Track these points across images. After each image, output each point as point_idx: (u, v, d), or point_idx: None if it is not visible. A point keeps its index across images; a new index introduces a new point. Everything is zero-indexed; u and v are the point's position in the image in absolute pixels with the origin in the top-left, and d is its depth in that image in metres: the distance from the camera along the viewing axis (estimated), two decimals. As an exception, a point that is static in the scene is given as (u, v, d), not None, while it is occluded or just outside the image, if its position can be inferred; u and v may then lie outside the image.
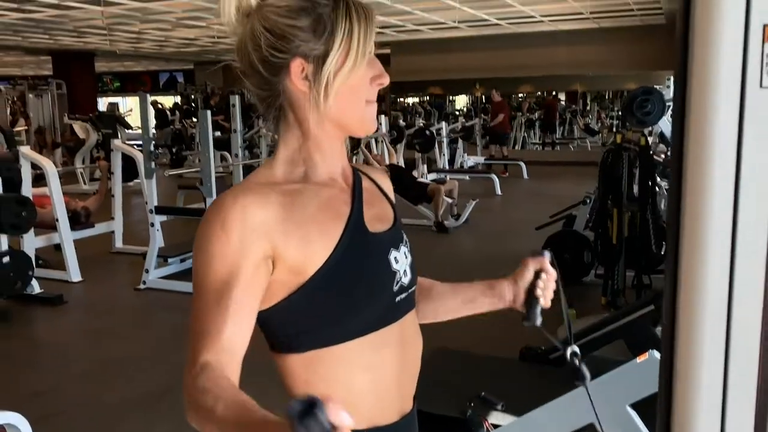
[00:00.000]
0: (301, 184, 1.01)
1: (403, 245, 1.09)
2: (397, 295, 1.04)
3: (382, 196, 1.14)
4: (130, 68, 23.18)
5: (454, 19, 12.56)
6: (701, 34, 0.67)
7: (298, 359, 1.00)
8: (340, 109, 1.00)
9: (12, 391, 3.51)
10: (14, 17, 11.24)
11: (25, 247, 5.47)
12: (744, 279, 0.69)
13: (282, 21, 0.96)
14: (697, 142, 0.67)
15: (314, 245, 0.96)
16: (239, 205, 0.94)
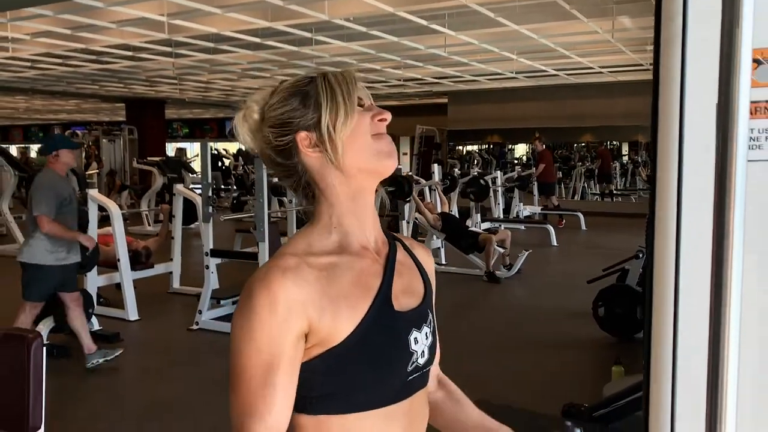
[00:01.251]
0: (336, 256, 1.05)
1: (426, 326, 1.11)
2: (411, 375, 1.07)
3: (416, 270, 1.16)
4: (199, 115, 24.23)
5: (512, 69, 12.68)
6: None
7: (309, 420, 1.03)
8: (353, 154, 1.06)
9: (66, 425, 3.64)
10: (93, 68, 12.01)
11: (88, 285, 5.73)
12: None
13: (278, 112, 1.08)
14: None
15: (342, 319, 1.00)
16: (282, 283, 0.97)
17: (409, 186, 8.21)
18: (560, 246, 10.26)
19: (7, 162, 10.37)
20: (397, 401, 1.06)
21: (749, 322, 0.69)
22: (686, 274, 0.69)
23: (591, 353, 4.91)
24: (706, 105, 0.64)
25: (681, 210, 0.66)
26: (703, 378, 0.66)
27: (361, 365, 1.01)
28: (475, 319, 6.19)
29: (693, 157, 0.65)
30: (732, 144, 0.61)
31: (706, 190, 0.65)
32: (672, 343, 0.69)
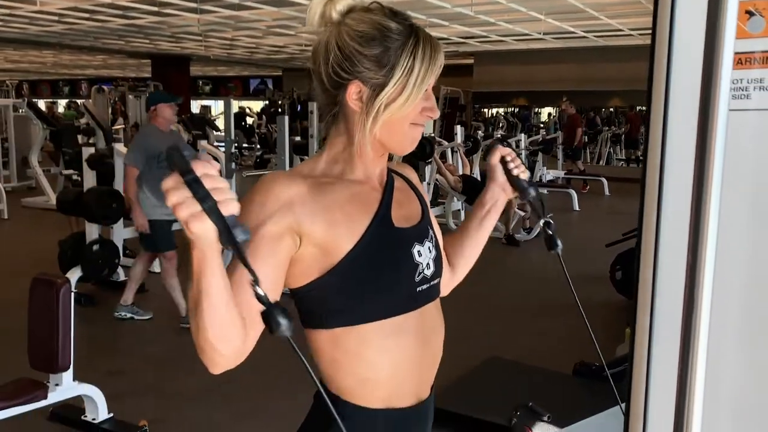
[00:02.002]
0: (336, 179, 1.12)
1: (428, 240, 1.17)
2: (419, 286, 1.13)
3: (413, 194, 1.23)
4: (223, 73, 24.21)
5: (539, 30, 12.45)
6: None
7: (325, 335, 1.10)
8: (385, 134, 1.10)
9: (92, 369, 3.79)
10: (119, 23, 12.04)
11: (114, 237, 5.87)
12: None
13: (352, 44, 1.06)
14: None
15: (340, 231, 1.06)
16: (270, 181, 1.06)
17: (431, 147, 8.19)
18: (582, 211, 10.21)
19: (36, 116, 10.53)
20: (408, 311, 1.11)
21: (724, 266, 0.73)
22: (666, 222, 0.72)
23: (606, 315, 4.94)
24: (693, 55, 0.67)
25: (665, 156, 0.69)
26: (679, 317, 0.70)
27: (369, 275, 1.07)
28: (492, 280, 6.23)
29: (678, 106, 0.68)
30: (715, 93, 0.64)
31: (689, 138, 0.68)
32: (651, 284, 0.72)
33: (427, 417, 1.20)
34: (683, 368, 0.75)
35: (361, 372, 1.09)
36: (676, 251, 0.75)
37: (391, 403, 1.11)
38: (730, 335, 0.84)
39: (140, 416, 3.25)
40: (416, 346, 1.13)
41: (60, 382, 2.97)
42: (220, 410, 3.43)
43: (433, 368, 1.19)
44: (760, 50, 0.70)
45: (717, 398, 0.81)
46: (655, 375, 0.83)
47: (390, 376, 1.11)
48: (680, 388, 0.75)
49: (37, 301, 2.94)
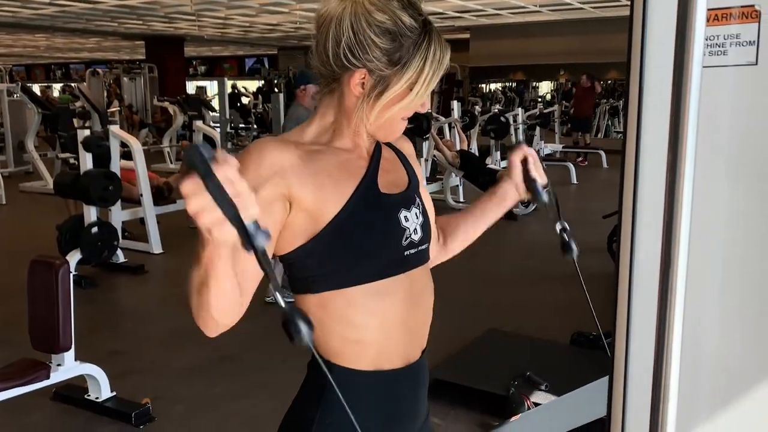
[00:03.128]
0: (324, 146, 1.13)
1: (415, 207, 1.18)
2: (406, 250, 1.14)
3: (400, 163, 1.24)
4: (218, 53, 24.03)
5: (535, 2, 12.33)
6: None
7: (313, 299, 1.11)
8: (377, 125, 1.12)
9: (94, 350, 3.82)
10: (111, 4, 11.92)
11: (113, 219, 5.88)
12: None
13: (368, 32, 1.05)
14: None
15: (328, 195, 1.08)
16: (262, 148, 1.07)
17: (428, 123, 8.16)
18: (580, 184, 10.21)
19: (31, 100, 10.47)
20: (396, 274, 1.13)
21: (701, 225, 0.73)
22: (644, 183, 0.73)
23: (603, 286, 4.94)
24: (667, 13, 0.67)
25: (641, 117, 0.70)
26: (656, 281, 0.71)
27: (355, 239, 1.09)
28: (490, 253, 6.26)
29: (653, 64, 0.68)
30: (688, 50, 0.64)
31: (664, 96, 0.69)
32: (630, 246, 0.74)
33: (418, 380, 1.21)
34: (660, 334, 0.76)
35: (349, 334, 1.11)
36: (652, 213, 0.76)
37: (380, 365, 1.13)
38: (708, 296, 0.85)
39: (143, 394, 3.29)
40: (404, 308, 1.14)
41: (62, 362, 3.00)
42: (221, 387, 3.47)
43: (422, 331, 1.21)
44: (736, 5, 0.70)
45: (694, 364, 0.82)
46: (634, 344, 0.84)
47: (378, 338, 1.12)
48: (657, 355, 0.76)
49: (37, 283, 2.96)
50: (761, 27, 0.70)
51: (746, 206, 0.80)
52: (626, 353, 0.85)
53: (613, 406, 1.01)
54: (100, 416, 3.20)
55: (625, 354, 0.85)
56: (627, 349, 0.84)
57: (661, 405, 0.74)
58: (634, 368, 0.85)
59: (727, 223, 0.78)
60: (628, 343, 0.84)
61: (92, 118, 10.32)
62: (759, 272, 0.82)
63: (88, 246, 5.21)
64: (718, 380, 0.89)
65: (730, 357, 0.88)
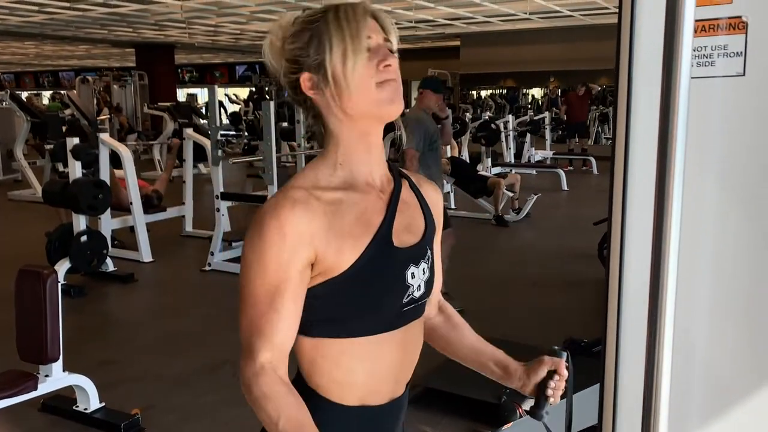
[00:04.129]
0: (342, 192, 1.09)
1: (424, 261, 1.15)
2: (406, 306, 1.13)
3: (419, 208, 1.19)
4: (209, 60, 24.01)
5: (525, 10, 12.41)
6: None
7: (308, 341, 1.10)
8: (354, 102, 1.07)
9: (82, 360, 3.79)
10: (101, 12, 11.90)
11: (102, 228, 5.85)
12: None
13: (290, 48, 1.09)
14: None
15: (345, 251, 1.05)
16: (291, 212, 1.02)
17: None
18: (570, 190, 10.25)
19: (20, 108, 10.42)
20: (392, 330, 1.12)
21: (690, 235, 0.73)
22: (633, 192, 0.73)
23: (594, 292, 4.98)
24: (655, 24, 0.67)
25: (629, 127, 0.70)
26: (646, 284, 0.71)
27: (359, 295, 1.07)
28: (482, 260, 6.27)
29: (641, 74, 0.68)
30: (676, 61, 0.64)
31: (653, 107, 0.69)
32: (619, 254, 0.73)
33: (400, 411, 1.21)
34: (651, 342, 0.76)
35: (339, 376, 1.11)
36: (642, 222, 0.76)
37: (366, 402, 1.13)
38: (698, 306, 0.85)
39: (132, 405, 3.26)
40: (395, 357, 1.14)
41: (50, 373, 2.97)
42: (212, 396, 3.44)
43: (409, 372, 1.20)
44: (724, 17, 0.70)
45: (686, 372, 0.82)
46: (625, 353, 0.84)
47: (366, 382, 1.12)
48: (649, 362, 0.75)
49: (24, 293, 2.93)
50: (748, 38, 0.71)
51: (734, 214, 0.80)
52: (616, 361, 0.85)
53: (604, 414, 1.00)
54: (89, 428, 3.16)
55: (615, 362, 0.84)
56: (617, 356, 0.84)
57: (652, 412, 0.74)
58: (625, 376, 0.85)
59: (715, 231, 0.78)
60: (618, 351, 0.84)
61: (82, 126, 10.26)
62: (747, 279, 0.82)
63: (77, 255, 5.17)
64: (708, 386, 0.89)
65: (719, 362, 0.88)
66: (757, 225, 0.76)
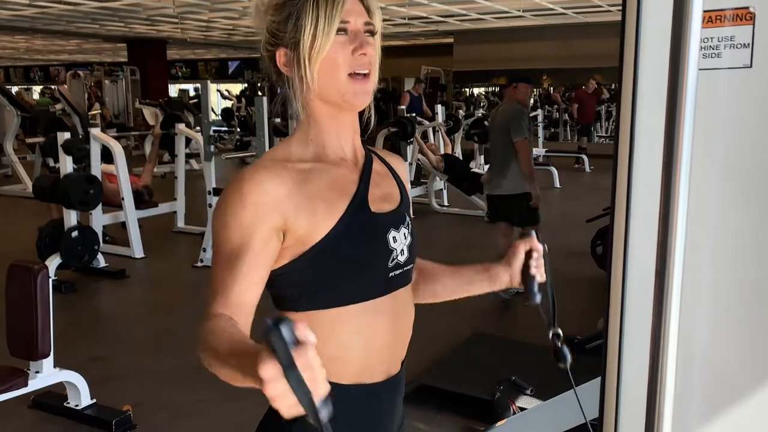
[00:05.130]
0: (313, 163, 1.10)
1: (404, 227, 1.16)
2: (392, 271, 1.13)
3: (392, 178, 1.21)
4: (201, 56, 23.88)
5: (519, 8, 12.40)
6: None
7: (298, 317, 1.08)
8: (321, 85, 1.08)
9: (73, 356, 3.76)
10: (92, 6, 11.79)
11: (94, 224, 5.80)
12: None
13: (270, 20, 1.10)
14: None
15: (319, 218, 1.05)
16: (256, 179, 1.04)
17: (412, 127, 8.16)
18: (563, 187, 10.26)
19: (10, 102, 10.32)
20: (381, 296, 1.11)
21: (696, 231, 0.72)
22: (638, 187, 0.72)
23: (587, 290, 4.99)
24: (662, 14, 0.66)
25: (635, 120, 0.69)
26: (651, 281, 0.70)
27: (343, 259, 1.07)
28: (475, 257, 6.21)
29: (647, 67, 0.67)
30: (684, 53, 0.63)
31: (659, 100, 0.68)
32: (623, 250, 0.72)
33: (396, 390, 1.20)
34: (656, 339, 0.75)
35: (333, 352, 1.09)
36: (647, 217, 0.75)
37: (362, 379, 1.12)
38: (702, 301, 0.84)
39: (124, 401, 3.24)
40: (387, 327, 1.13)
41: (40, 369, 2.94)
42: (203, 392, 3.42)
43: (403, 346, 1.20)
44: (730, 7, 0.69)
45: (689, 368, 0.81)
46: (628, 347, 0.83)
47: (360, 356, 1.12)
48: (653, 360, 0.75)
49: (15, 288, 2.90)
50: (756, 29, 0.70)
51: (739, 207, 0.79)
52: (619, 355, 0.84)
53: (605, 409, 0.99)
54: (80, 424, 3.14)
55: (618, 357, 0.83)
56: (620, 351, 0.83)
57: (656, 406, 0.73)
58: (629, 370, 0.84)
59: (719, 225, 0.77)
60: (622, 346, 0.83)
61: (73, 120, 10.19)
62: (751, 273, 0.81)
63: (68, 250, 5.13)
64: (711, 381, 0.88)
65: (721, 356, 0.87)
66: (763, 219, 0.75)
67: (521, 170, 4.72)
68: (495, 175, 4.92)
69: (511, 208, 4.85)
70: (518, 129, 4.68)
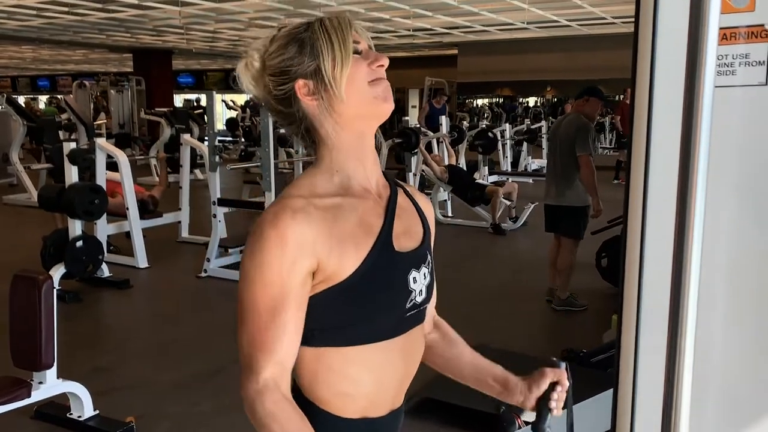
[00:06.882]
0: (340, 198, 1.08)
1: (425, 266, 1.15)
2: (408, 312, 1.12)
3: (416, 214, 1.20)
4: (206, 66, 24.00)
5: (523, 20, 12.44)
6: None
7: (310, 351, 1.08)
8: (351, 100, 1.08)
9: (76, 366, 3.76)
10: (99, 17, 11.88)
11: (98, 233, 5.81)
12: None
13: (277, 61, 1.09)
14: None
15: (346, 258, 1.04)
16: (281, 227, 1.00)
17: (417, 138, 8.17)
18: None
19: (16, 112, 10.38)
20: (394, 336, 1.11)
21: (711, 248, 0.71)
22: (653, 205, 0.71)
23: (592, 302, 4.96)
24: (678, 31, 0.65)
25: (650, 138, 0.68)
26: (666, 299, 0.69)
27: (363, 300, 1.06)
28: (479, 268, 6.25)
29: (663, 84, 0.67)
30: (700, 70, 0.62)
31: (675, 118, 0.67)
32: (639, 266, 0.72)
33: (397, 421, 1.20)
34: (671, 354, 0.74)
35: (341, 388, 1.09)
36: (662, 234, 0.74)
37: (367, 414, 1.11)
38: (718, 318, 0.83)
39: (127, 412, 3.22)
40: (398, 365, 1.13)
41: (44, 380, 2.93)
42: (205, 403, 3.41)
43: (409, 382, 1.19)
44: (745, 25, 0.69)
45: (705, 384, 0.80)
46: (643, 362, 0.82)
47: (370, 392, 1.11)
48: (668, 376, 0.74)
49: (19, 299, 2.90)
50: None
51: (754, 223, 0.78)
52: (635, 369, 0.83)
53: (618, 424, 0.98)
54: (83, 435, 3.13)
55: (634, 369, 0.82)
56: (636, 364, 0.82)
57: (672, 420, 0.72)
58: (643, 384, 0.83)
59: (735, 241, 0.77)
60: (637, 359, 0.81)
61: (78, 130, 10.24)
62: (765, 288, 0.81)
63: (73, 260, 5.13)
64: (725, 395, 0.87)
65: (735, 370, 0.86)
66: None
67: (582, 183, 4.70)
68: (556, 185, 4.82)
69: (570, 219, 4.78)
70: (584, 144, 4.63)
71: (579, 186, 4.72)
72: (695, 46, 0.63)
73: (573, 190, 4.72)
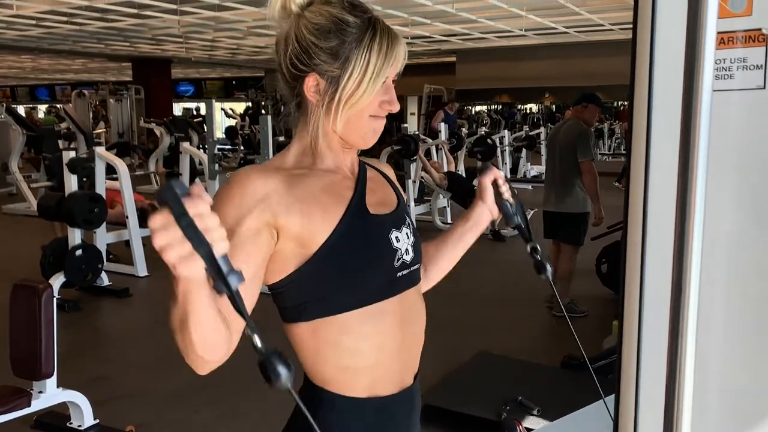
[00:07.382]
0: (308, 170, 1.11)
1: (406, 227, 1.17)
2: (399, 271, 1.12)
3: (386, 183, 1.23)
4: (205, 75, 24.05)
5: (521, 27, 12.48)
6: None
7: (305, 327, 1.09)
8: (345, 128, 1.09)
9: (76, 375, 3.74)
10: (98, 26, 11.91)
11: (97, 242, 5.80)
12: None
13: (309, 37, 1.06)
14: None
15: (316, 222, 1.05)
16: (245, 177, 1.04)
17: (416, 145, 8.18)
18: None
19: (16, 121, 10.39)
20: (388, 297, 1.10)
21: (711, 252, 0.72)
22: (653, 210, 0.72)
23: (592, 308, 4.96)
24: (676, 36, 0.66)
25: (650, 143, 0.69)
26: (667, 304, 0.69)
27: (345, 265, 1.06)
28: (478, 274, 6.24)
29: (661, 89, 0.67)
30: (698, 74, 0.63)
31: (673, 123, 0.67)
32: (639, 272, 0.72)
33: (413, 405, 1.20)
34: (672, 361, 0.74)
35: (343, 361, 1.09)
36: (662, 239, 0.74)
37: (375, 391, 1.11)
38: (719, 324, 0.83)
39: (127, 422, 3.21)
40: (396, 331, 1.12)
41: (44, 389, 2.93)
42: (206, 412, 3.40)
43: (415, 354, 1.19)
44: (742, 29, 0.69)
45: (706, 389, 0.80)
46: (645, 368, 0.82)
47: (371, 363, 1.10)
48: (670, 382, 0.74)
49: (19, 308, 2.90)
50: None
51: (753, 229, 0.78)
52: (636, 375, 0.83)
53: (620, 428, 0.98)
54: (83, 445, 3.12)
55: (636, 376, 0.82)
56: (638, 370, 0.81)
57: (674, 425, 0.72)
58: (645, 390, 0.83)
59: (735, 245, 0.77)
60: (639, 366, 0.81)
61: (78, 139, 10.24)
62: (765, 293, 0.81)
63: (72, 269, 5.13)
64: (726, 400, 0.87)
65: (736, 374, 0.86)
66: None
67: (584, 189, 4.70)
68: (556, 191, 4.82)
69: (570, 225, 4.78)
70: (585, 149, 4.63)
71: (579, 192, 4.72)
72: (693, 51, 0.63)
73: (572, 196, 4.72)
